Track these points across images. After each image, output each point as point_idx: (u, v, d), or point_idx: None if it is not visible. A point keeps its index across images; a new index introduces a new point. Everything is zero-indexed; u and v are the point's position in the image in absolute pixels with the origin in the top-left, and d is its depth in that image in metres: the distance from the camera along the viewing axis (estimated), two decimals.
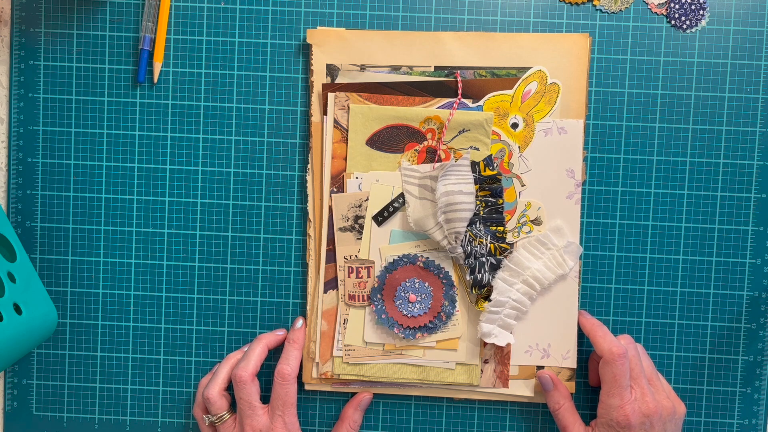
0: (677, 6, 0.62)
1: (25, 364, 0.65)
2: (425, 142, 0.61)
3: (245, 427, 0.58)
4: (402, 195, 0.61)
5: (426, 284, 0.61)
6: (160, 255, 0.64)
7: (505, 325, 0.60)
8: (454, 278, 0.61)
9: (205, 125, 0.63)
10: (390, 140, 0.61)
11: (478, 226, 0.60)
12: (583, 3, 0.62)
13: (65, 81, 0.63)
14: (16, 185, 0.63)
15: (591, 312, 0.63)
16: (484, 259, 0.60)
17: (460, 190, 0.58)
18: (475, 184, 0.60)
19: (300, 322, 0.62)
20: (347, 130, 0.61)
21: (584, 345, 0.63)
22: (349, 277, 0.62)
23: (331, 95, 0.61)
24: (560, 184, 0.62)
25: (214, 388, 0.59)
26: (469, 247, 0.60)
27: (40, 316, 0.60)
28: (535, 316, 0.62)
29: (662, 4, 0.62)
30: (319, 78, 0.62)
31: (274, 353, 0.63)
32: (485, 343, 0.62)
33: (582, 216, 0.62)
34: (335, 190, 0.62)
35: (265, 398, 0.61)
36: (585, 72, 0.61)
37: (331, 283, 0.62)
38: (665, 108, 0.62)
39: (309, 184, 0.62)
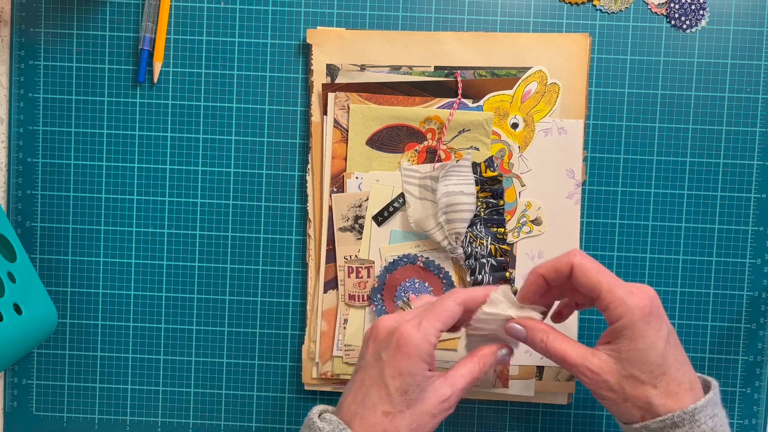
0: (677, 6, 0.62)
1: (25, 364, 0.65)
2: (425, 142, 0.61)
3: None
4: (402, 195, 0.61)
5: (426, 284, 0.61)
6: (160, 255, 0.64)
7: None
8: (454, 278, 0.61)
9: (205, 125, 0.63)
10: (390, 140, 0.61)
11: (478, 227, 0.60)
12: (583, 3, 0.62)
13: (65, 81, 0.63)
14: (16, 185, 0.63)
15: (591, 311, 0.63)
16: (484, 260, 0.60)
17: (461, 190, 0.58)
18: (476, 185, 0.60)
19: None
20: (347, 130, 0.61)
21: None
22: (349, 277, 0.62)
23: (331, 95, 0.61)
24: (560, 184, 0.62)
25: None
26: (469, 248, 0.60)
27: (40, 316, 0.60)
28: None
29: (662, 4, 0.62)
30: (319, 78, 0.62)
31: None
32: None
33: (582, 216, 0.62)
34: (335, 190, 0.62)
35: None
36: (585, 72, 0.61)
37: (331, 283, 0.62)
38: (665, 108, 0.62)
39: (309, 184, 0.62)
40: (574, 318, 0.62)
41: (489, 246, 0.60)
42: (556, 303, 0.56)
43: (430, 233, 0.60)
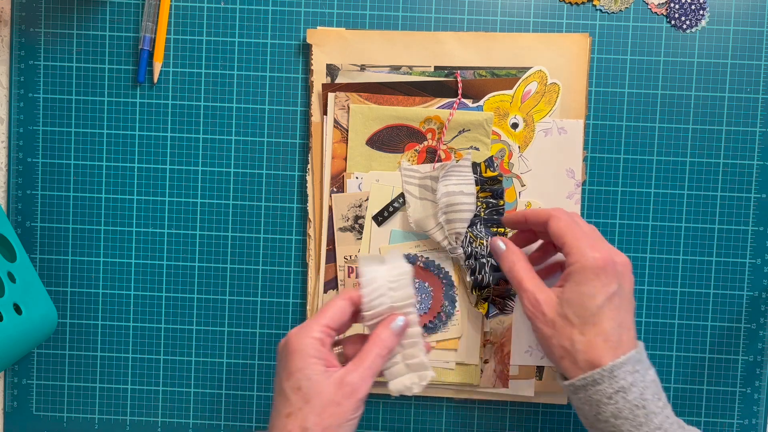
0: (677, 6, 0.62)
1: (25, 364, 0.65)
2: (425, 142, 0.61)
3: None
4: (402, 195, 0.61)
5: (426, 284, 0.61)
6: (160, 255, 0.64)
7: (415, 365, 0.54)
8: (455, 278, 0.61)
9: (205, 125, 0.63)
10: (390, 140, 0.61)
11: (479, 227, 0.60)
12: (583, 3, 0.62)
13: (65, 81, 0.63)
14: (16, 185, 0.63)
15: None
16: (484, 260, 0.60)
17: (461, 190, 0.58)
18: (477, 185, 0.60)
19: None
20: (347, 130, 0.61)
21: None
22: (349, 277, 0.62)
23: (331, 95, 0.61)
24: (560, 184, 0.62)
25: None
26: (469, 249, 0.60)
27: (40, 316, 0.60)
28: None
29: (662, 4, 0.62)
30: (319, 78, 0.62)
31: None
32: (485, 343, 0.62)
33: (582, 216, 0.62)
34: (335, 190, 0.62)
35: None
36: (585, 72, 0.61)
37: (331, 283, 0.62)
38: (665, 108, 0.62)
39: (309, 184, 0.62)
40: None
41: (489, 246, 0.60)
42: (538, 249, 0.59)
43: (430, 233, 0.60)
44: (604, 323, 0.50)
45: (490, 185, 0.61)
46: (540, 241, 0.59)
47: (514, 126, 0.62)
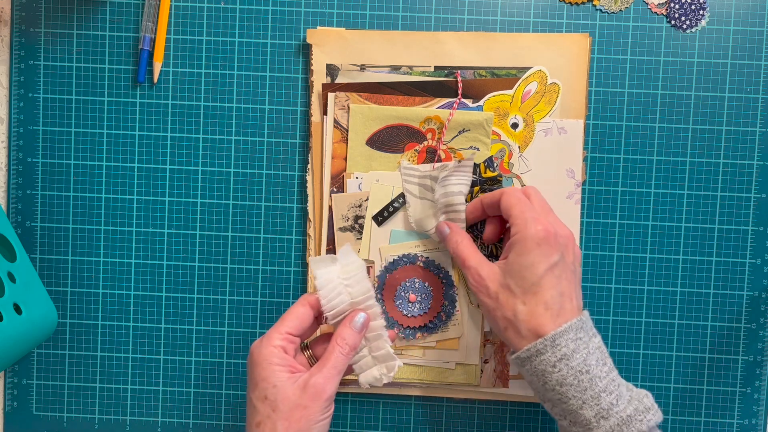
0: (677, 6, 0.62)
1: (25, 364, 0.65)
2: (425, 142, 0.61)
3: None
4: (402, 195, 0.61)
5: (426, 284, 0.61)
6: (160, 255, 0.64)
7: (382, 357, 0.55)
8: (455, 278, 0.61)
9: (205, 125, 0.63)
10: (390, 140, 0.61)
11: (479, 227, 0.60)
12: (583, 3, 0.62)
13: (65, 81, 0.63)
14: (16, 185, 0.63)
15: (591, 312, 0.63)
16: None
17: (460, 191, 0.58)
18: (476, 185, 0.60)
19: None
20: (347, 130, 0.61)
21: None
22: None
23: (331, 95, 0.61)
24: (560, 184, 0.62)
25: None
26: None
27: (40, 316, 0.60)
28: None
29: (662, 4, 0.62)
30: (319, 78, 0.62)
31: None
32: (485, 343, 0.62)
33: (582, 216, 0.62)
34: (335, 190, 0.62)
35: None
36: (585, 72, 0.61)
37: None
38: (665, 108, 0.62)
39: (309, 184, 0.62)
40: None
41: (490, 246, 0.60)
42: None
43: (430, 233, 0.60)
44: (544, 292, 0.51)
45: (490, 185, 0.61)
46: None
47: (514, 126, 0.62)
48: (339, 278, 0.54)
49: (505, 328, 0.52)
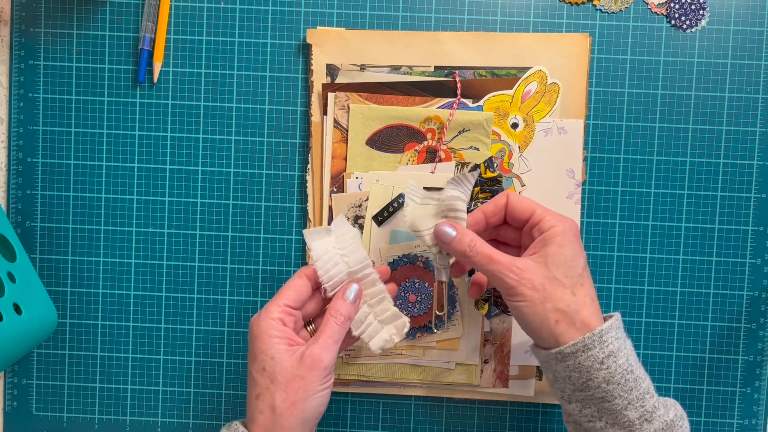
0: (677, 6, 0.62)
1: (25, 364, 0.65)
2: (425, 142, 0.61)
3: None
4: (402, 195, 0.61)
5: (426, 284, 0.61)
6: (160, 255, 0.64)
7: (388, 318, 0.55)
8: (455, 278, 0.61)
9: (205, 125, 0.63)
10: (390, 140, 0.61)
11: None
12: (583, 3, 0.62)
13: (65, 81, 0.63)
14: (16, 185, 0.63)
15: None
16: None
17: (460, 197, 0.55)
18: (476, 186, 0.60)
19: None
20: (347, 130, 0.61)
21: None
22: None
23: (331, 95, 0.61)
24: (560, 184, 0.62)
25: None
26: None
27: (40, 316, 0.60)
28: None
29: (662, 4, 0.62)
30: (319, 78, 0.62)
31: None
32: (485, 343, 0.62)
33: (582, 216, 0.62)
34: (335, 190, 0.62)
35: None
36: (585, 72, 0.61)
37: None
38: (665, 108, 0.62)
39: (309, 184, 0.62)
40: None
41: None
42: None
43: (422, 234, 0.55)
44: (588, 284, 0.51)
45: (490, 186, 0.61)
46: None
47: (514, 126, 0.62)
48: (334, 249, 0.54)
49: (557, 321, 0.49)
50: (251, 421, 0.51)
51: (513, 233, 0.56)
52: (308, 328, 0.55)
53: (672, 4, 0.62)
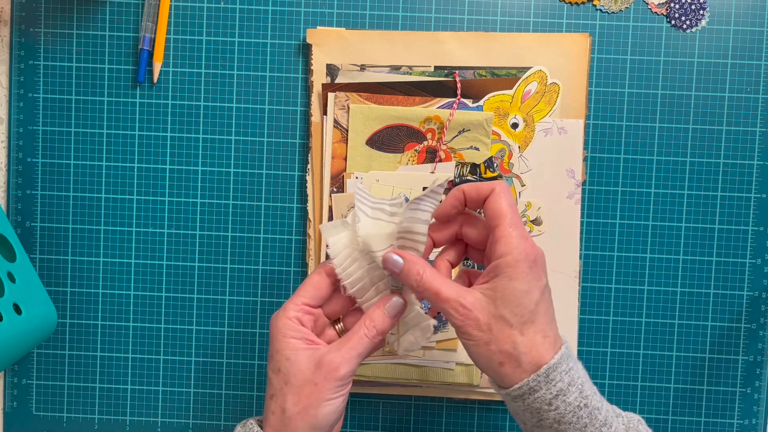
0: (677, 6, 0.62)
1: (25, 364, 0.65)
2: (425, 142, 0.61)
3: None
4: (402, 195, 0.61)
5: None
6: (160, 255, 0.64)
7: (413, 319, 0.52)
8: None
9: (205, 125, 0.63)
10: (390, 140, 0.61)
11: None
12: (583, 3, 0.62)
13: (65, 81, 0.63)
14: (16, 185, 0.63)
15: (591, 312, 0.63)
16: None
17: (425, 219, 0.50)
18: None
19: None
20: (347, 130, 0.61)
21: (584, 345, 0.63)
22: None
23: (331, 95, 0.61)
24: (560, 184, 0.62)
25: None
26: None
27: (40, 316, 0.60)
28: None
29: (662, 4, 0.62)
30: (319, 78, 0.62)
31: None
32: None
33: (582, 216, 0.62)
34: (335, 190, 0.62)
35: None
36: (585, 72, 0.61)
37: None
38: (665, 108, 0.62)
39: (309, 184, 0.62)
40: (574, 316, 0.62)
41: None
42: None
43: (375, 254, 0.50)
44: (540, 320, 0.46)
45: None
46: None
47: (514, 126, 0.62)
48: (353, 244, 0.50)
49: (501, 363, 0.46)
50: (264, 421, 0.49)
51: (476, 235, 0.51)
52: (336, 327, 0.52)
53: (672, 4, 0.62)
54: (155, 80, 0.63)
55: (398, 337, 0.52)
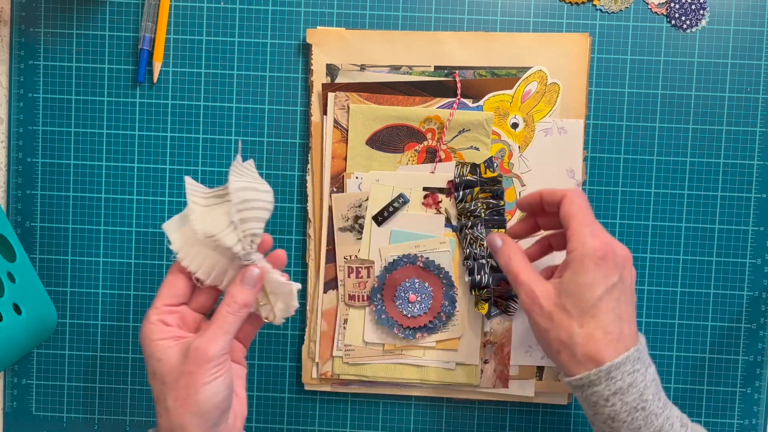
0: (677, 6, 0.62)
1: (25, 364, 0.65)
2: (425, 142, 0.61)
3: None
4: (402, 195, 0.61)
5: (426, 284, 0.61)
6: (160, 255, 0.64)
7: (277, 288, 0.52)
8: (455, 278, 0.61)
9: (205, 125, 0.63)
10: (390, 140, 0.61)
11: (479, 228, 0.60)
12: (583, 3, 0.62)
13: (65, 81, 0.63)
14: (16, 185, 0.63)
15: None
16: (484, 261, 0.60)
17: (255, 187, 0.51)
18: (476, 185, 0.60)
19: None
20: (347, 130, 0.61)
21: None
22: (349, 277, 0.62)
23: (331, 95, 0.61)
24: (560, 184, 0.61)
25: None
26: (468, 249, 0.60)
27: (40, 316, 0.60)
28: None
29: (662, 4, 0.62)
30: (319, 78, 0.62)
31: None
32: (485, 343, 0.62)
33: None
34: (335, 190, 0.62)
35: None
36: (585, 72, 0.61)
37: (331, 283, 0.62)
38: (665, 108, 0.62)
39: (309, 184, 0.62)
40: None
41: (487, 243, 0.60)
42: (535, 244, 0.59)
43: (219, 237, 0.49)
44: (603, 315, 0.48)
45: (490, 186, 0.61)
46: (541, 232, 0.58)
47: (514, 126, 0.62)
48: (195, 235, 0.50)
49: (558, 351, 0.49)
50: (158, 427, 0.50)
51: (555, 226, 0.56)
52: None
53: (672, 4, 0.62)
54: (155, 80, 0.63)
55: (272, 307, 0.53)
